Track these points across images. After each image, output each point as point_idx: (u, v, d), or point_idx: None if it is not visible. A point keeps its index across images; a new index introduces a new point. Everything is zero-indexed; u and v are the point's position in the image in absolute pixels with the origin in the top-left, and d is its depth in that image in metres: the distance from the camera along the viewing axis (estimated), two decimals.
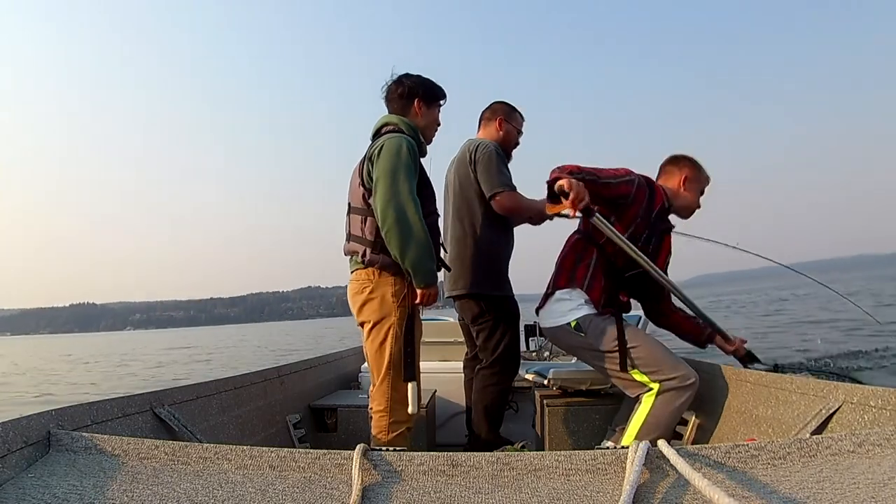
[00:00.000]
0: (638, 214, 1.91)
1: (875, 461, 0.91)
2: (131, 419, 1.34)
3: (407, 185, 1.71)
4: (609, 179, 1.85)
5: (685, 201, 2.04)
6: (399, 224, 1.69)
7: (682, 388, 1.79)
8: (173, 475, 0.92)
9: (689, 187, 2.03)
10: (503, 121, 2.39)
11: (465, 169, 2.30)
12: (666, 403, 1.79)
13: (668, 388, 1.80)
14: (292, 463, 0.95)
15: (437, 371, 2.90)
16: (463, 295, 2.32)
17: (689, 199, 2.04)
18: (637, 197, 1.90)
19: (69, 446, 0.99)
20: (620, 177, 1.88)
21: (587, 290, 1.96)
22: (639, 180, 1.91)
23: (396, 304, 1.78)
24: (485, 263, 2.29)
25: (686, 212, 2.06)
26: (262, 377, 2.16)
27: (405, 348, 1.77)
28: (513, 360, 2.34)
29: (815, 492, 0.83)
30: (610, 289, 1.98)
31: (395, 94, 1.95)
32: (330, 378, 2.95)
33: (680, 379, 1.79)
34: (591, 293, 1.96)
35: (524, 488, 0.88)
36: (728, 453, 0.93)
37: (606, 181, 1.84)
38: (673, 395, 1.79)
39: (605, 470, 0.92)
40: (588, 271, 1.98)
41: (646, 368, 1.84)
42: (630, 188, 1.89)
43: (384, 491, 0.89)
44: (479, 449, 2.18)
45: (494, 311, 2.31)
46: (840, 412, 1.36)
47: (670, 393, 1.79)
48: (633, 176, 1.91)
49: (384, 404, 1.78)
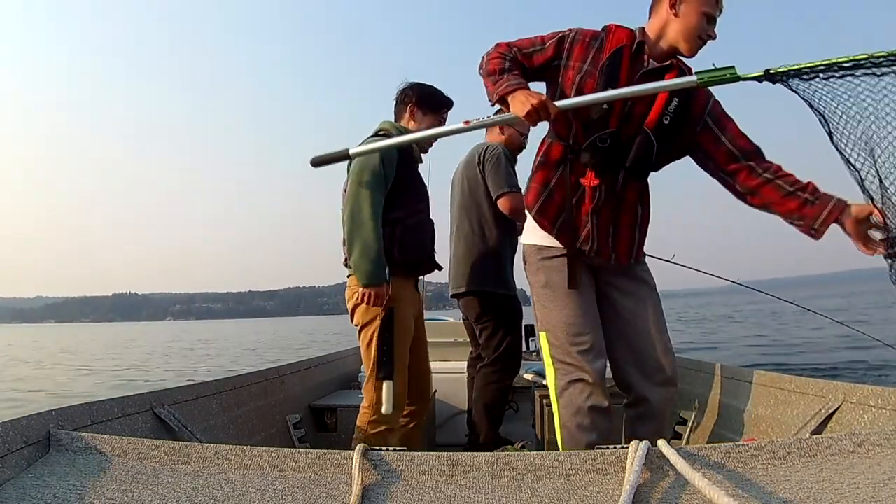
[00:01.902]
0: (579, 70, 1.50)
1: (875, 461, 0.91)
2: (131, 419, 1.34)
3: (368, 188, 1.78)
4: (533, 48, 1.52)
5: (679, 27, 1.48)
6: (350, 223, 1.78)
7: (578, 381, 1.48)
8: (173, 475, 0.92)
9: (680, 10, 1.47)
10: (504, 125, 2.43)
11: (473, 170, 2.36)
12: (566, 406, 1.50)
13: (561, 372, 1.51)
14: (292, 463, 0.95)
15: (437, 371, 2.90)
16: (468, 292, 2.35)
17: (685, 22, 1.47)
18: (571, 52, 1.51)
19: (69, 446, 0.99)
20: (547, 39, 1.53)
21: (526, 193, 1.63)
22: (573, 35, 1.52)
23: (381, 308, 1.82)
24: (490, 262, 2.34)
25: (685, 42, 1.48)
26: (262, 377, 2.17)
27: (381, 347, 1.81)
28: (514, 359, 2.37)
29: (815, 492, 0.83)
30: (561, 188, 1.55)
31: (397, 99, 2.03)
32: (330, 378, 2.95)
33: (575, 369, 1.49)
34: (527, 198, 1.61)
35: (524, 488, 0.88)
36: (728, 453, 0.93)
37: (530, 51, 1.52)
38: (572, 393, 1.49)
39: (605, 470, 0.92)
40: (533, 172, 1.62)
41: (551, 336, 1.54)
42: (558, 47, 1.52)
43: (384, 491, 0.89)
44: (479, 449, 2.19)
45: (498, 310, 2.35)
46: (840, 412, 1.36)
47: (570, 391, 1.49)
48: (566, 32, 1.54)
49: (368, 402, 1.85)
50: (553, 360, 1.54)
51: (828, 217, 1.40)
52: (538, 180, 1.59)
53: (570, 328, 1.51)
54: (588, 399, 1.47)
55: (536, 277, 1.60)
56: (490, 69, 1.48)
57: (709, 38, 1.50)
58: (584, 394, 1.48)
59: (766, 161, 1.50)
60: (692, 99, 1.50)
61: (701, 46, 1.51)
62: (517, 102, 1.40)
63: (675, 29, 1.49)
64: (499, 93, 1.44)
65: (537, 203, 1.58)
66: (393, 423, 1.85)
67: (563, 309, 1.53)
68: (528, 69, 1.52)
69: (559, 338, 1.53)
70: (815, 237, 1.43)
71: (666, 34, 1.51)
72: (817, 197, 1.42)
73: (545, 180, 1.58)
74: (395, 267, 1.84)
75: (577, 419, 1.48)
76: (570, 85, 1.51)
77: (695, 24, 1.47)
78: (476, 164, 2.35)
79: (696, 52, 1.51)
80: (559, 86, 1.53)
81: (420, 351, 2.04)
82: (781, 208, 1.46)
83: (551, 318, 1.55)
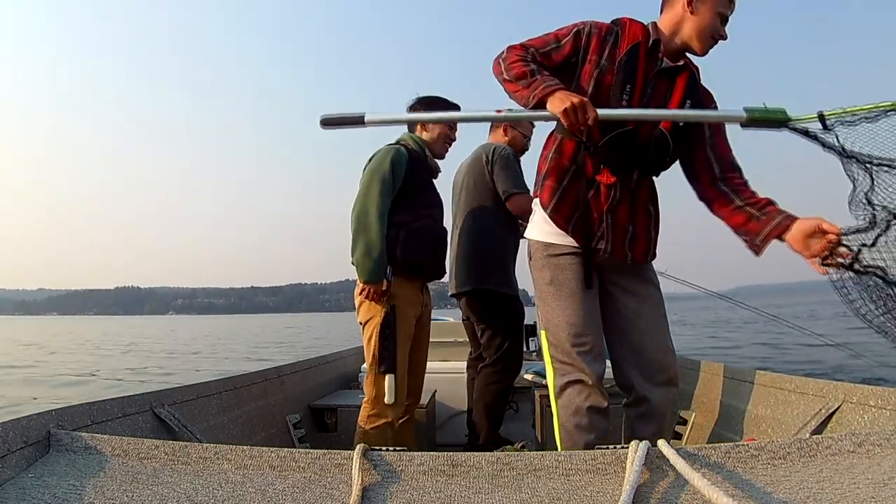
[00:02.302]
0: (596, 64, 1.48)
1: (875, 461, 0.91)
2: (131, 419, 1.34)
3: (376, 190, 1.88)
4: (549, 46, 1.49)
5: (695, 25, 1.48)
6: (357, 223, 1.88)
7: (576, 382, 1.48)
8: (173, 475, 0.92)
9: (696, 9, 1.47)
10: (508, 127, 2.50)
11: (479, 169, 2.38)
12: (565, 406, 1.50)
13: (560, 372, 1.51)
14: (292, 463, 0.95)
15: (437, 371, 2.91)
16: (471, 291, 2.36)
17: (701, 20, 1.47)
18: (588, 46, 1.49)
19: (69, 446, 0.99)
20: (563, 36, 1.50)
21: (540, 190, 1.57)
22: (588, 28, 1.50)
23: (383, 305, 1.92)
24: (494, 262, 2.35)
25: (699, 40, 1.48)
26: (262, 377, 2.17)
27: (382, 342, 1.88)
28: (515, 360, 2.38)
29: (815, 492, 0.83)
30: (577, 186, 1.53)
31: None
32: (330, 378, 2.95)
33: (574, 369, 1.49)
34: (542, 195, 1.56)
35: (524, 488, 0.88)
36: (728, 453, 0.93)
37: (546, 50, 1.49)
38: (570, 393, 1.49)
39: (605, 470, 0.92)
40: (545, 167, 1.57)
41: (550, 335, 1.53)
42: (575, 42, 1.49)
43: (384, 491, 0.89)
44: (479, 449, 2.19)
45: (501, 310, 2.37)
46: (840, 412, 1.36)
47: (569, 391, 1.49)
48: (580, 25, 1.51)
49: (367, 397, 1.93)
50: (552, 359, 1.54)
51: (769, 234, 1.42)
52: (552, 177, 1.56)
53: (571, 328, 1.50)
54: (587, 399, 1.47)
55: (541, 274, 1.58)
56: (517, 73, 1.42)
57: (720, 38, 1.50)
58: (582, 394, 1.48)
59: (737, 176, 1.52)
60: (702, 101, 1.52)
61: (713, 46, 1.50)
62: (556, 100, 1.35)
63: (689, 27, 1.49)
64: (537, 95, 1.38)
65: (552, 201, 1.55)
66: (391, 416, 1.91)
67: (565, 308, 1.52)
68: (547, 69, 1.48)
69: (559, 337, 1.52)
70: (756, 253, 1.46)
71: (680, 31, 1.50)
72: (765, 213, 1.44)
73: (560, 177, 1.55)
74: (397, 267, 1.92)
75: (575, 419, 1.48)
76: (587, 80, 1.48)
77: (709, 22, 1.47)
78: (484, 163, 2.36)
79: (708, 52, 1.50)
80: (576, 81, 1.50)
81: (420, 353, 2.10)
82: (731, 221, 1.50)
83: (553, 316, 1.54)
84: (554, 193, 1.54)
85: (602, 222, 1.52)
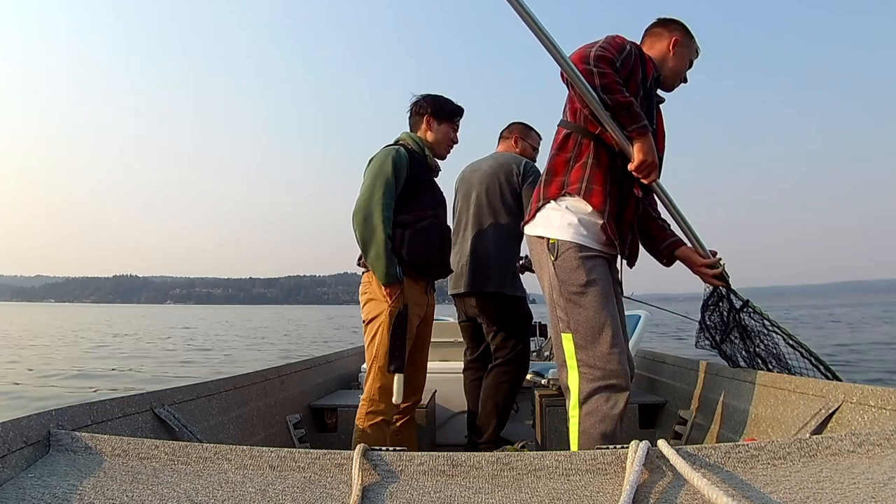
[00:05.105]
0: (636, 90, 1.61)
1: (875, 461, 0.91)
2: (131, 419, 1.34)
3: (380, 192, 1.88)
4: (621, 57, 1.56)
5: (673, 65, 1.74)
6: (362, 227, 1.88)
7: (605, 388, 1.48)
8: (173, 475, 0.92)
9: (678, 52, 1.74)
10: (518, 138, 2.60)
11: (508, 178, 2.44)
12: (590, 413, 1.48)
13: (588, 377, 1.49)
14: (292, 463, 0.95)
15: (437, 371, 2.91)
16: (490, 294, 2.40)
17: (678, 63, 1.74)
18: (634, 68, 1.61)
19: (69, 446, 0.99)
20: (623, 50, 1.58)
21: (585, 195, 1.58)
22: (630, 47, 1.60)
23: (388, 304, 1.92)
24: (509, 266, 2.42)
25: (671, 79, 1.76)
26: (262, 377, 2.16)
27: (392, 341, 1.88)
28: (526, 360, 2.47)
29: (815, 492, 0.83)
30: (616, 195, 1.62)
31: (411, 111, 2.14)
32: (330, 378, 2.95)
33: (605, 374, 1.48)
34: (591, 198, 1.58)
35: (524, 488, 0.88)
36: (728, 453, 0.93)
37: (620, 64, 1.56)
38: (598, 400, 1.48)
39: (605, 470, 0.92)
40: (585, 172, 1.60)
41: (579, 338, 1.52)
42: (629, 61, 1.59)
43: (384, 491, 0.89)
44: (480, 449, 2.19)
45: (516, 312, 2.44)
46: (840, 412, 1.36)
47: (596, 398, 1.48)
48: (627, 44, 1.60)
49: (366, 394, 1.93)
50: (579, 363, 1.51)
51: (670, 245, 1.82)
52: (600, 183, 1.59)
53: (608, 331, 1.50)
54: (614, 407, 1.47)
55: (574, 275, 1.55)
56: (621, 102, 1.50)
57: (683, 82, 1.80)
58: (610, 401, 1.47)
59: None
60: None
61: (677, 86, 1.79)
62: (647, 149, 1.54)
63: (669, 66, 1.74)
64: (636, 129, 1.53)
65: (605, 206, 1.58)
66: (389, 414, 1.93)
67: (600, 311, 1.51)
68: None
69: (589, 340, 1.50)
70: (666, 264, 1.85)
71: (662, 68, 1.74)
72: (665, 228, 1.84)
73: (605, 184, 1.60)
74: (404, 267, 1.93)
75: (601, 427, 1.46)
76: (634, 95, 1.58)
77: (682, 66, 1.77)
78: (514, 174, 2.43)
79: (673, 90, 1.79)
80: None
81: (423, 352, 2.12)
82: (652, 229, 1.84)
83: (585, 319, 1.52)
84: (605, 199, 1.59)
85: (632, 231, 1.70)
